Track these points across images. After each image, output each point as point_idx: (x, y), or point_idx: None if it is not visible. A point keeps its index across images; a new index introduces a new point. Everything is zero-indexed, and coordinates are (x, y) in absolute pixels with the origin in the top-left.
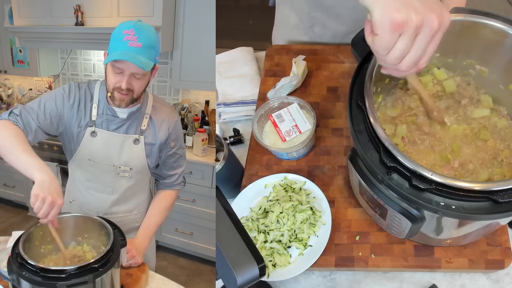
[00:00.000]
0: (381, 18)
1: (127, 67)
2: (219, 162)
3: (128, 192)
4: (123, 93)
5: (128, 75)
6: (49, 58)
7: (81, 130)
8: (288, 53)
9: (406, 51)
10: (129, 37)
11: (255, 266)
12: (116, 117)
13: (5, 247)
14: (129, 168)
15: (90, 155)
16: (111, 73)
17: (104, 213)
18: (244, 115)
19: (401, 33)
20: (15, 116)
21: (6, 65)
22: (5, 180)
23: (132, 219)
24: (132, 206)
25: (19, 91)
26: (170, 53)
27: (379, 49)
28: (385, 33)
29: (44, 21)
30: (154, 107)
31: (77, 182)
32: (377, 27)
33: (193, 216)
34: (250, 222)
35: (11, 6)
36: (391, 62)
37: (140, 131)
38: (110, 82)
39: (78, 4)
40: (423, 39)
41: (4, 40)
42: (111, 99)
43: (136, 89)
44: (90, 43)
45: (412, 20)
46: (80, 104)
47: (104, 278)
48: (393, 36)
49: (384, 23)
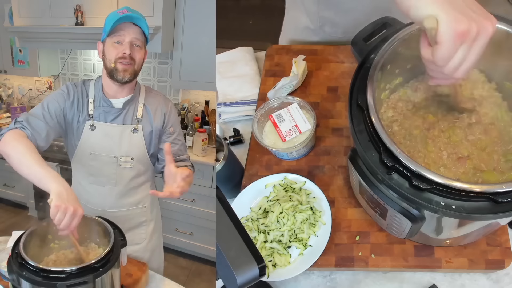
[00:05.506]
0: (446, 29)
1: (126, 32)
2: (219, 162)
3: (131, 184)
4: (126, 62)
5: (129, 42)
6: (49, 58)
7: (80, 124)
8: (288, 53)
9: (464, 59)
10: (121, 12)
11: (255, 266)
12: (112, 107)
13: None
14: (130, 158)
15: (90, 149)
16: (111, 47)
17: (110, 207)
18: (244, 115)
19: (463, 42)
20: (21, 123)
21: (6, 65)
22: (5, 180)
23: (138, 213)
24: (137, 199)
25: (19, 91)
26: (170, 53)
27: (440, 59)
28: (449, 43)
29: (44, 21)
30: (147, 96)
31: (81, 179)
32: (441, 37)
33: (193, 216)
34: (250, 222)
35: (11, 6)
36: (449, 72)
37: (136, 120)
38: (111, 55)
39: (78, 4)
40: (479, 46)
41: (4, 40)
42: (114, 73)
43: (136, 59)
44: (90, 43)
45: (473, 29)
46: (78, 100)
47: (104, 278)
48: (455, 46)
49: (449, 33)
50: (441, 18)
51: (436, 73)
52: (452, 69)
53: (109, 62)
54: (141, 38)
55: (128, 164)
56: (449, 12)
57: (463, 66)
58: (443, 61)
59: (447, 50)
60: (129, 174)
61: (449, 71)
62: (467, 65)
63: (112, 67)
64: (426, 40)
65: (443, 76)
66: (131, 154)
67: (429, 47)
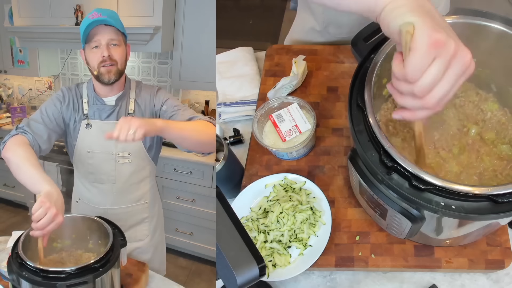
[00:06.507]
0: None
1: (101, 36)
2: (219, 162)
3: (131, 180)
4: (107, 63)
5: (105, 45)
6: (49, 58)
7: (77, 124)
8: (288, 53)
9: (438, 79)
10: (91, 16)
11: (255, 266)
12: (105, 105)
13: (5, 247)
14: (127, 154)
15: (88, 147)
16: (90, 53)
17: (111, 205)
18: (244, 115)
19: (437, 56)
20: (22, 128)
21: (6, 65)
22: (5, 180)
23: (139, 210)
24: (138, 195)
25: (19, 91)
26: (170, 53)
27: (412, 70)
28: (423, 50)
29: (44, 21)
30: (138, 91)
31: (82, 178)
32: (416, 43)
33: (193, 216)
34: (250, 222)
35: (11, 6)
36: (419, 92)
37: (129, 115)
38: (93, 61)
39: (78, 4)
40: (455, 71)
41: (4, 40)
42: (99, 77)
43: (117, 58)
44: None
45: (450, 44)
46: (73, 102)
47: (104, 278)
48: (429, 55)
49: (423, 38)
50: (418, 25)
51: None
52: (424, 88)
53: (93, 68)
54: (117, 36)
55: (126, 159)
56: (427, 22)
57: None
58: (414, 73)
59: (420, 58)
60: (128, 169)
61: (420, 90)
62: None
63: (97, 73)
64: (399, 56)
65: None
66: (128, 149)
67: (401, 61)
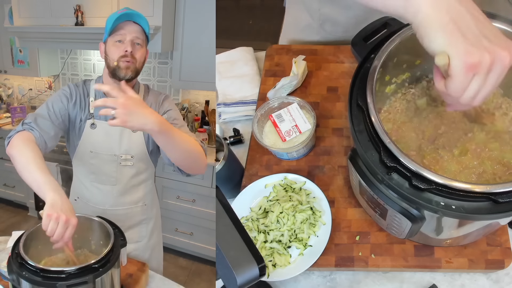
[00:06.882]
0: (457, 62)
1: (127, 31)
2: (219, 162)
3: (131, 182)
4: (127, 59)
5: (130, 41)
6: (49, 58)
7: (82, 123)
8: (288, 53)
9: (479, 90)
10: (121, 11)
11: (255, 266)
12: None
13: (5, 247)
14: (130, 156)
15: (91, 147)
16: (113, 46)
17: (111, 206)
18: (244, 115)
19: (475, 74)
20: (29, 124)
21: (6, 65)
22: (5, 180)
23: (138, 211)
24: (138, 197)
25: (19, 91)
26: (170, 53)
27: (454, 92)
28: (461, 77)
29: (44, 21)
30: (145, 95)
31: (82, 177)
32: (453, 71)
33: (193, 216)
34: (250, 222)
35: (11, 6)
36: (465, 102)
37: None
38: (114, 54)
39: (78, 4)
40: (495, 76)
41: (4, 40)
42: (116, 70)
43: (138, 57)
44: (90, 43)
45: (485, 60)
46: (80, 100)
47: (104, 278)
48: (467, 78)
49: (459, 66)
50: (451, 54)
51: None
52: (468, 99)
53: (112, 61)
54: (142, 36)
55: (128, 162)
56: (459, 46)
57: (479, 96)
58: (456, 93)
59: (460, 83)
60: (129, 172)
61: (465, 101)
62: (483, 94)
63: (115, 66)
64: (439, 72)
65: (460, 105)
66: (131, 152)
67: (442, 79)
